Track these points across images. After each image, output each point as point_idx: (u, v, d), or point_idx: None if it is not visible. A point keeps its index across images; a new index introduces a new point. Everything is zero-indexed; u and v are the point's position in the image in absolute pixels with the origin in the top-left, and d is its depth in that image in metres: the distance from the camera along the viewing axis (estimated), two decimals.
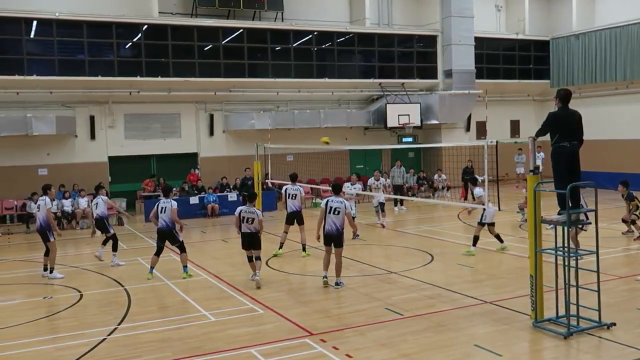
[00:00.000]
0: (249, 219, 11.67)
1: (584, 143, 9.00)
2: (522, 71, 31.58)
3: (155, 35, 24.00)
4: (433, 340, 8.45)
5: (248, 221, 11.67)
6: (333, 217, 11.34)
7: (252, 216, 11.67)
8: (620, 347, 7.97)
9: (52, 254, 13.07)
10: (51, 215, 13.28)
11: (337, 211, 11.32)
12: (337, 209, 11.32)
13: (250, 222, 11.66)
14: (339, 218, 11.34)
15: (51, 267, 13.10)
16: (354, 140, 27.83)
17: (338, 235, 11.39)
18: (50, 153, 23.22)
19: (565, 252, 8.64)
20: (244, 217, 11.68)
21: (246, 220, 11.68)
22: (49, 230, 13.06)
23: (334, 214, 11.33)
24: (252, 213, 11.68)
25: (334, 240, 11.44)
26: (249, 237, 11.76)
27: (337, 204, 11.36)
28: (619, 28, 27.78)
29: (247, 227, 11.71)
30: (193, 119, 25.58)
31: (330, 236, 11.43)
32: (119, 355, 8.26)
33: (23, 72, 21.58)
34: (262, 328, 9.25)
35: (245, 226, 11.71)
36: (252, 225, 11.67)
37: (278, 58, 26.11)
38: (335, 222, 11.35)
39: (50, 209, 13.27)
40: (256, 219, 11.68)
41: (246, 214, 11.70)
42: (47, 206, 13.10)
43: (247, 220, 11.68)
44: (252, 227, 11.69)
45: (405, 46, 28.86)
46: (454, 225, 18.88)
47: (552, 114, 8.90)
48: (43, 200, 13.13)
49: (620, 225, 16.50)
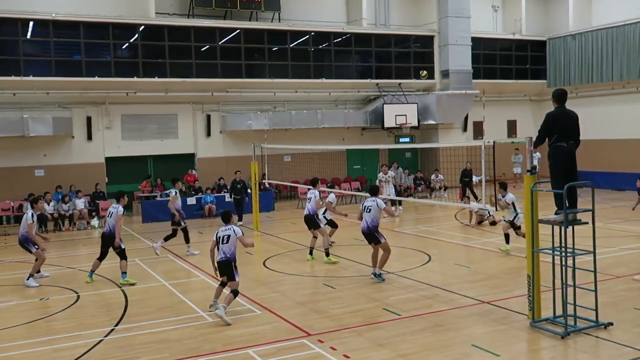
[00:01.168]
0: (224, 237, 9.79)
1: (581, 143, 9.00)
2: (519, 71, 31.62)
3: (152, 35, 23.97)
4: (431, 341, 8.45)
5: (223, 240, 9.78)
6: (365, 215, 11.93)
7: (227, 233, 9.79)
8: (617, 346, 7.98)
9: (39, 262, 12.66)
10: (32, 231, 12.59)
11: (369, 209, 11.89)
12: (369, 207, 11.90)
13: (226, 242, 9.76)
14: (370, 215, 11.83)
15: (31, 273, 12.53)
16: (351, 140, 27.85)
17: (368, 232, 11.86)
18: (47, 154, 23.19)
19: (563, 252, 8.65)
20: (219, 237, 9.83)
21: (221, 240, 9.79)
22: (27, 242, 12.61)
23: (366, 212, 11.93)
24: (228, 230, 9.84)
25: (367, 237, 11.99)
26: (221, 266, 9.83)
27: (370, 203, 11.96)
28: (616, 28, 27.84)
29: (221, 249, 9.78)
30: (190, 120, 25.56)
31: (363, 234, 12.04)
32: (116, 357, 8.24)
33: (20, 72, 21.54)
34: (259, 329, 9.24)
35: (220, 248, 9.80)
36: (226, 245, 9.73)
37: (275, 58, 26.10)
38: (367, 219, 11.87)
39: (32, 224, 12.51)
40: (232, 236, 9.76)
41: (222, 232, 9.86)
42: (28, 221, 12.45)
43: (223, 239, 9.79)
44: (226, 248, 9.73)
45: (403, 46, 28.89)
46: (451, 226, 18.89)
47: (551, 114, 8.90)
48: (26, 214, 12.63)
49: (619, 225, 16.55)
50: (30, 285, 12.35)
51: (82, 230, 20.71)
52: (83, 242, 18.53)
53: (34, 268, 12.65)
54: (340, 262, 13.89)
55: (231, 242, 9.76)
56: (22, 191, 21.59)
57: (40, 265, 12.78)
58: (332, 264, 13.48)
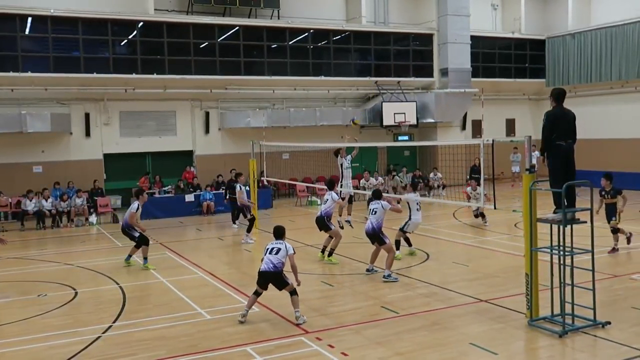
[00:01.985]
0: (273, 249, 9.44)
1: (580, 142, 9.00)
2: (518, 70, 31.63)
3: (150, 32, 23.91)
4: (428, 339, 8.45)
5: (272, 252, 9.41)
6: (370, 217, 12.03)
7: (278, 246, 9.43)
8: (615, 345, 7.98)
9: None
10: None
11: (374, 211, 12.01)
12: (375, 209, 12.06)
13: (275, 253, 9.37)
14: (375, 217, 11.94)
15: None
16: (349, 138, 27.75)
17: (373, 234, 11.90)
18: (45, 150, 23.15)
19: (561, 251, 8.65)
20: (268, 249, 9.50)
21: (270, 250, 9.45)
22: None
23: (372, 214, 12.05)
24: (280, 244, 9.47)
25: (371, 238, 12.01)
26: (265, 276, 9.38)
27: (375, 205, 12.13)
28: (615, 28, 27.85)
29: (268, 259, 9.38)
30: (189, 117, 25.52)
31: (368, 235, 12.07)
32: (114, 353, 8.23)
33: (18, 69, 21.49)
34: (257, 326, 9.22)
35: (266, 259, 9.41)
36: (275, 256, 9.33)
37: (274, 56, 26.07)
38: (372, 221, 11.94)
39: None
40: (282, 250, 9.35)
41: (272, 244, 9.54)
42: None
43: (272, 250, 9.43)
44: (274, 258, 9.31)
45: (402, 44, 28.86)
46: (449, 224, 18.89)
47: (551, 113, 8.87)
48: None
49: None
50: None
51: (80, 227, 20.67)
52: (81, 239, 18.50)
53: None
54: (338, 260, 13.88)
55: (281, 254, 9.32)
56: (20, 188, 21.56)
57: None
58: (331, 264, 13.45)
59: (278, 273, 9.28)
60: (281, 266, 9.30)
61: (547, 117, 8.85)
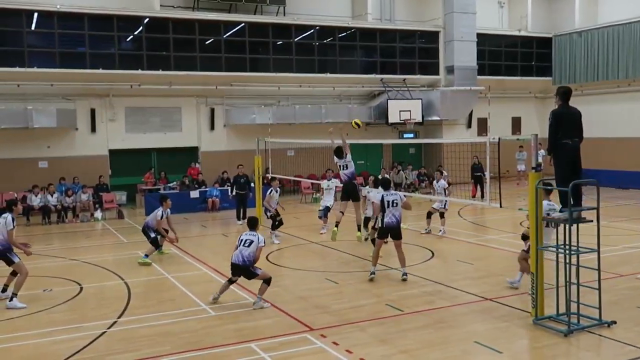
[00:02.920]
0: (247, 240, 10.00)
1: (586, 141, 8.95)
2: (524, 68, 31.51)
3: (156, 28, 23.91)
4: (433, 337, 8.43)
5: (245, 243, 9.98)
6: (393, 210, 11.45)
7: (251, 238, 9.99)
8: (620, 345, 7.95)
9: (21, 277, 10.63)
10: (13, 237, 10.68)
11: (395, 203, 11.49)
12: (395, 200, 11.50)
13: (247, 245, 9.93)
14: (397, 210, 11.51)
15: (14, 292, 10.51)
16: (354, 135, 27.68)
17: (398, 227, 11.52)
18: (51, 146, 23.20)
19: (567, 250, 8.61)
20: (242, 240, 10.05)
21: (243, 242, 10.01)
22: (9, 252, 10.70)
23: (393, 206, 11.46)
24: (253, 236, 10.04)
25: (394, 232, 11.51)
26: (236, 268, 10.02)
27: (394, 197, 11.55)
28: (622, 26, 27.70)
29: (239, 252, 9.95)
30: (194, 113, 25.54)
31: (392, 229, 11.48)
32: (118, 349, 8.24)
33: (24, 64, 21.52)
34: (261, 323, 9.23)
35: (238, 251, 9.99)
36: (247, 248, 9.89)
37: (279, 53, 26.04)
38: (395, 214, 11.47)
39: (12, 230, 10.64)
40: (254, 242, 9.93)
41: (245, 236, 10.10)
42: (7, 227, 10.59)
43: (245, 242, 10.00)
44: (245, 252, 9.88)
45: (407, 42, 28.78)
46: (454, 222, 18.83)
47: (557, 112, 8.81)
48: (4, 219, 10.66)
49: (623, 223, 16.48)
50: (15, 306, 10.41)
51: (85, 222, 20.73)
52: (86, 234, 18.56)
53: (17, 285, 10.63)
54: (342, 257, 13.90)
55: (252, 247, 9.91)
56: (25, 183, 21.61)
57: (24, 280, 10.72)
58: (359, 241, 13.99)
59: (246, 267, 9.93)
60: (251, 260, 9.92)
61: (553, 116, 8.79)
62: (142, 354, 8.04)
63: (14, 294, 10.49)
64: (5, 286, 10.92)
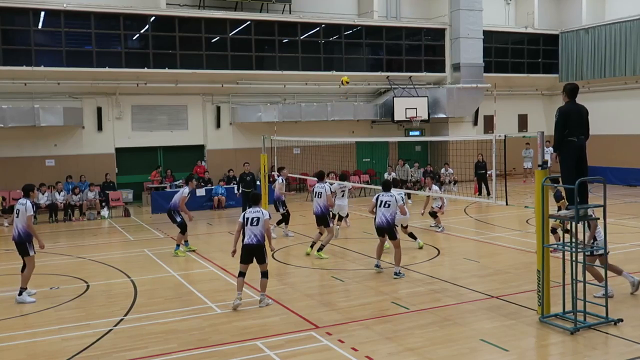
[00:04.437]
0: (253, 219, 9.88)
1: (593, 138, 8.93)
2: (531, 65, 31.39)
3: (162, 26, 23.96)
4: (439, 335, 8.43)
5: (253, 222, 9.85)
6: (383, 210, 11.64)
7: (257, 215, 9.89)
8: (627, 343, 7.93)
9: (28, 271, 10.61)
10: (32, 224, 10.72)
11: (388, 204, 11.64)
12: (388, 202, 11.66)
13: (255, 224, 9.84)
14: (389, 210, 11.62)
15: (22, 287, 10.57)
16: (360, 133, 27.80)
17: (388, 227, 11.64)
18: (58, 144, 23.30)
19: (573, 247, 8.60)
20: (247, 219, 9.90)
21: (250, 221, 9.88)
22: (29, 242, 10.65)
23: (384, 206, 11.63)
24: (257, 212, 9.94)
25: (384, 232, 11.74)
26: (251, 250, 9.85)
27: (388, 197, 11.70)
28: (629, 22, 27.55)
29: (250, 231, 9.84)
30: (200, 111, 25.58)
31: (381, 229, 11.72)
32: (125, 346, 8.28)
33: (31, 63, 21.61)
34: (268, 320, 9.25)
35: (249, 231, 9.86)
36: (257, 227, 9.82)
37: (285, 50, 26.05)
38: (385, 214, 11.62)
39: (31, 216, 10.70)
40: (261, 218, 9.84)
41: (250, 214, 9.96)
42: (27, 212, 10.60)
43: (252, 221, 9.87)
44: (257, 230, 9.81)
45: (413, 39, 28.73)
46: (460, 220, 18.82)
47: (564, 109, 8.79)
48: (23, 205, 10.67)
49: (630, 221, 16.40)
50: (25, 300, 10.55)
51: (92, 220, 20.82)
52: (93, 232, 18.64)
53: (25, 280, 10.72)
54: (348, 255, 13.90)
55: (261, 224, 9.85)
56: (32, 181, 21.18)
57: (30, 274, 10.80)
58: (320, 259, 13.29)
59: (262, 246, 9.84)
60: (263, 238, 9.86)
61: (560, 114, 8.77)
62: (149, 351, 8.08)
63: (22, 289, 10.56)
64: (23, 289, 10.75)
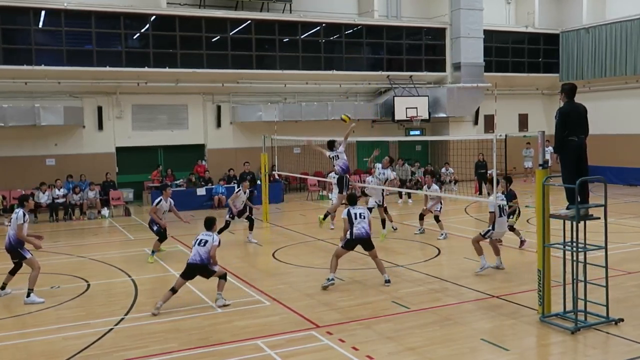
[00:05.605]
0: (201, 240, 10.01)
1: (594, 138, 8.91)
2: (532, 64, 31.38)
3: (163, 26, 23.95)
4: (439, 334, 8.43)
5: (200, 243, 9.98)
6: (362, 222, 11.03)
7: (206, 238, 10.02)
8: (628, 342, 7.93)
9: (34, 273, 10.61)
10: (22, 231, 10.67)
11: (363, 215, 11.13)
12: (362, 213, 11.15)
13: (203, 245, 9.95)
14: (365, 221, 11.08)
15: (29, 288, 10.53)
16: (361, 133, 27.62)
17: (368, 238, 11.07)
18: (58, 143, 23.31)
19: (574, 247, 8.59)
20: (197, 239, 10.07)
21: (198, 242, 10.01)
22: (20, 247, 10.72)
23: (360, 218, 11.05)
24: (209, 236, 10.08)
25: (366, 244, 11.13)
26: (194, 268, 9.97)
27: (361, 210, 11.26)
28: (630, 22, 27.54)
29: (197, 251, 9.96)
30: (200, 111, 25.58)
31: (363, 240, 11.05)
32: (125, 346, 8.28)
33: (31, 62, 21.60)
34: (268, 320, 9.25)
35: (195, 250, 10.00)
36: (203, 248, 9.93)
37: (286, 50, 26.04)
38: (364, 226, 11.03)
39: (22, 225, 10.67)
40: (209, 242, 9.96)
41: (202, 235, 10.12)
42: (18, 221, 10.65)
43: (200, 242, 10.00)
44: (203, 252, 9.91)
45: (414, 39, 28.72)
46: (461, 219, 18.81)
47: (564, 110, 8.77)
48: (16, 214, 10.77)
49: (630, 220, 16.39)
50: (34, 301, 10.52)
51: (92, 220, 20.81)
52: (93, 232, 18.64)
53: (32, 281, 10.62)
54: (348, 254, 13.86)
55: (208, 246, 9.90)
56: (33, 180, 21.72)
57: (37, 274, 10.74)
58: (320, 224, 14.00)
59: (204, 265, 9.95)
60: (207, 259, 9.92)
61: (560, 114, 8.76)
62: (150, 350, 8.08)
63: (30, 290, 10.54)
64: (4, 284, 11.00)
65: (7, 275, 11.00)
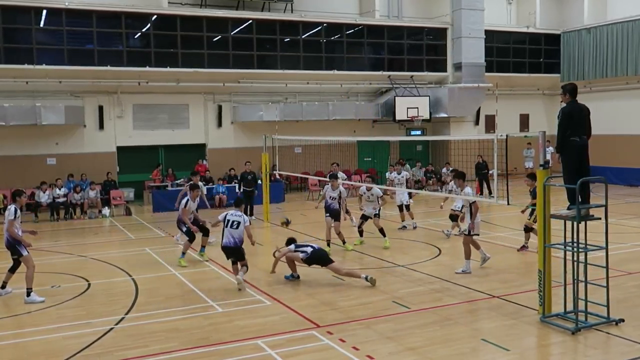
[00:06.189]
0: (234, 222, 10.95)
1: (595, 138, 8.91)
2: (533, 65, 31.37)
3: (164, 25, 23.96)
4: (440, 334, 8.43)
5: (233, 225, 10.93)
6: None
7: (237, 219, 10.95)
8: (628, 343, 7.92)
9: (29, 272, 10.49)
10: (11, 227, 10.49)
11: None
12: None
13: (235, 227, 10.92)
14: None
15: (28, 288, 10.44)
16: (362, 133, 27.74)
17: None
18: (59, 143, 23.32)
19: (575, 247, 8.59)
20: (228, 221, 10.99)
21: (230, 224, 10.95)
22: (19, 244, 10.61)
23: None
24: (239, 217, 11.00)
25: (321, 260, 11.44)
26: (231, 251, 11.02)
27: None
28: (631, 22, 27.52)
29: (229, 234, 10.90)
30: (201, 110, 25.58)
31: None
32: (126, 345, 8.28)
33: (33, 61, 21.61)
34: (269, 320, 9.25)
35: (228, 233, 10.91)
36: (236, 230, 10.89)
37: (287, 49, 26.04)
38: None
39: (12, 221, 10.48)
40: (242, 223, 10.92)
41: (232, 217, 11.02)
42: (8, 217, 10.52)
43: (232, 224, 10.94)
44: (236, 234, 10.87)
45: (415, 39, 28.71)
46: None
47: (567, 110, 8.75)
48: (8, 210, 10.69)
49: (631, 221, 16.36)
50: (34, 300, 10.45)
51: (93, 219, 20.81)
52: (94, 231, 18.65)
53: (29, 280, 10.54)
54: (348, 254, 13.91)
55: (240, 228, 10.86)
56: (33, 179, 21.73)
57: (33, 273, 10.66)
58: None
59: (238, 248, 10.92)
60: (241, 241, 10.92)
61: (563, 114, 8.74)
62: (150, 350, 8.08)
63: (29, 289, 10.51)
64: (4, 283, 10.96)
65: (7, 273, 10.98)
